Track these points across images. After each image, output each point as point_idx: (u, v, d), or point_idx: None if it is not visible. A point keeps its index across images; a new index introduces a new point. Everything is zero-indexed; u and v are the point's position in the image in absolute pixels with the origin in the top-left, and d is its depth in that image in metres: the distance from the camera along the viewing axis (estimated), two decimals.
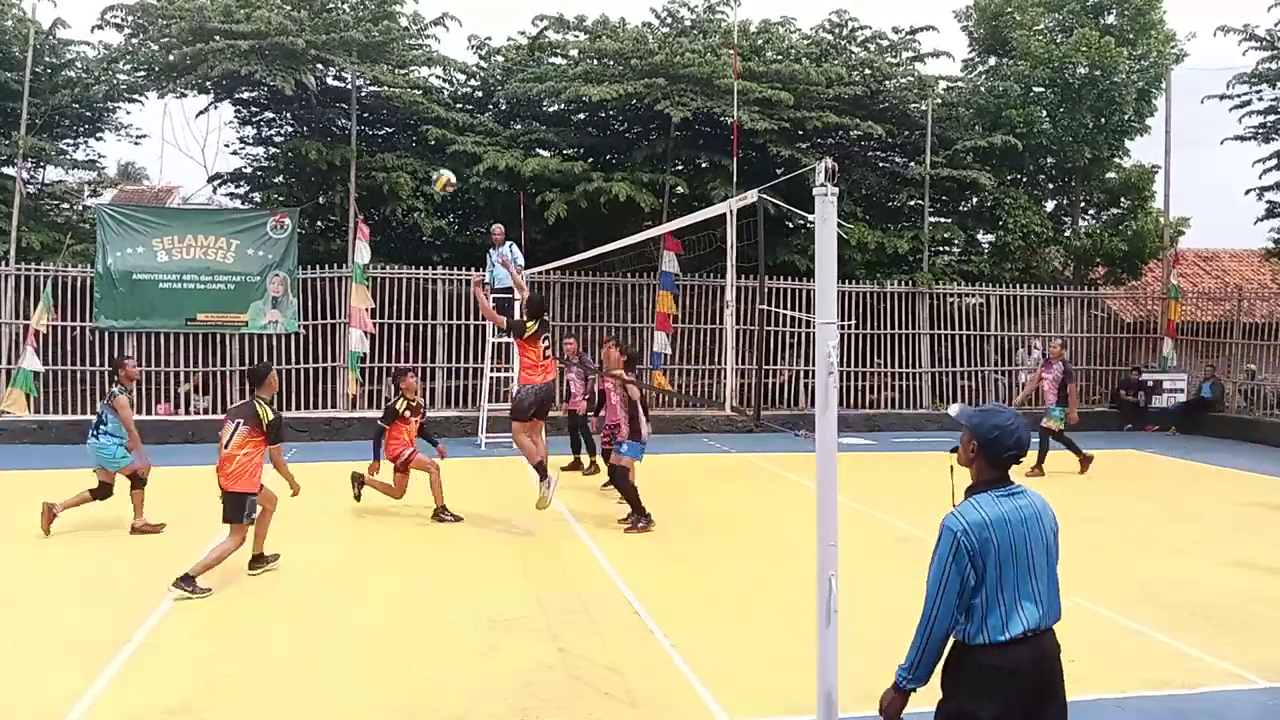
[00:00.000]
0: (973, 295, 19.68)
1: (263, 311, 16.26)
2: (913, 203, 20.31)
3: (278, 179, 19.33)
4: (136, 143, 20.30)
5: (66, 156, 18.67)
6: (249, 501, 7.16)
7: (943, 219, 20.55)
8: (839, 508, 4.13)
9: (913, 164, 19.95)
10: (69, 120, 18.66)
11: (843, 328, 14.66)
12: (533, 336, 9.12)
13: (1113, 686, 5.22)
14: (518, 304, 15.02)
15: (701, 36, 19.13)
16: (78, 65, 18.31)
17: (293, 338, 16.38)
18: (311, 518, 9.52)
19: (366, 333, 16.10)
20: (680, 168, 19.02)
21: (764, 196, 4.81)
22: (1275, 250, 20.79)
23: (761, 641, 6.01)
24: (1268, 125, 19.27)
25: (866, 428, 17.48)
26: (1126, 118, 19.89)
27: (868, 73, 19.44)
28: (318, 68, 16.82)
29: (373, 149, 18.52)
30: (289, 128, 19.49)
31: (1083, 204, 21.76)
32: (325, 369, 16.58)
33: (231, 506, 7.12)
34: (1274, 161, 19.48)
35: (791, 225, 17.86)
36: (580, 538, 8.83)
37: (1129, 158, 21.14)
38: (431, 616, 6.49)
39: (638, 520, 9.21)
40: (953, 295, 19.42)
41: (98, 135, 19.56)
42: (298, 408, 16.12)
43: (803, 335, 17.38)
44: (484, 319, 16.31)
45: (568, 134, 18.88)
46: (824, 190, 4.00)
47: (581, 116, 19.71)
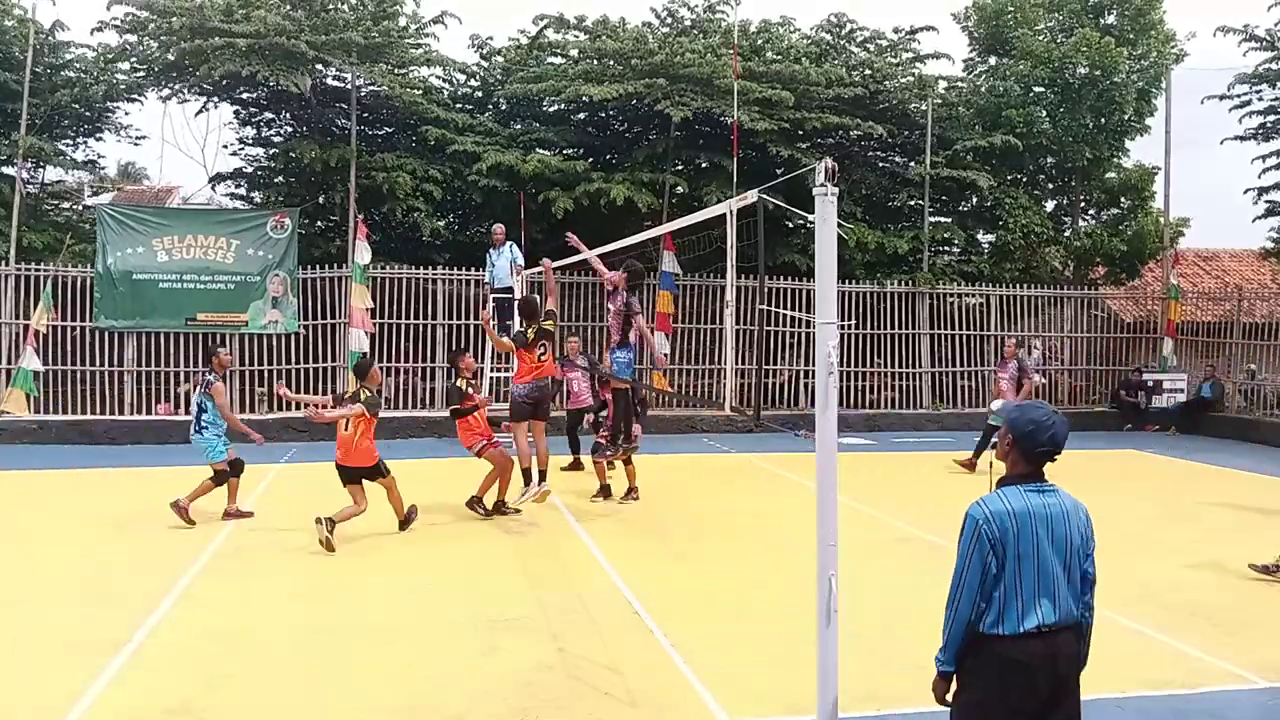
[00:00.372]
0: (973, 295, 19.68)
1: (263, 311, 16.27)
2: (913, 203, 20.30)
3: (277, 179, 19.31)
4: (136, 143, 20.27)
5: (66, 156, 18.65)
6: (379, 465, 8.46)
7: (943, 219, 20.54)
8: (839, 508, 4.13)
9: (913, 164, 19.94)
10: (69, 120, 18.64)
11: (843, 328, 14.63)
12: (532, 343, 9.18)
13: (1113, 686, 5.22)
14: (516, 304, 15.08)
15: (701, 36, 19.12)
16: (77, 65, 18.28)
17: (293, 338, 16.38)
18: (311, 517, 9.53)
19: (366, 332, 16.10)
20: (680, 168, 19.01)
21: (764, 196, 4.81)
22: (1273, 250, 20.78)
23: (761, 641, 6.01)
24: (1268, 125, 19.26)
25: (866, 428, 17.48)
26: (1126, 118, 19.89)
27: (868, 73, 19.44)
28: (317, 68, 16.81)
29: (372, 149, 18.50)
30: (288, 128, 19.48)
31: (1083, 204, 21.75)
32: (325, 369, 16.58)
33: (370, 473, 8.43)
34: (1274, 161, 19.47)
35: (791, 225, 17.87)
36: (580, 538, 8.83)
37: (1129, 158, 21.15)
38: (431, 616, 6.49)
39: (610, 449, 9.83)
40: (953, 295, 19.42)
41: (97, 135, 19.54)
42: (297, 408, 16.08)
43: (803, 335, 17.38)
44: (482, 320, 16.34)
45: (568, 133, 18.86)
46: (824, 190, 4.00)
47: (581, 116, 19.70)
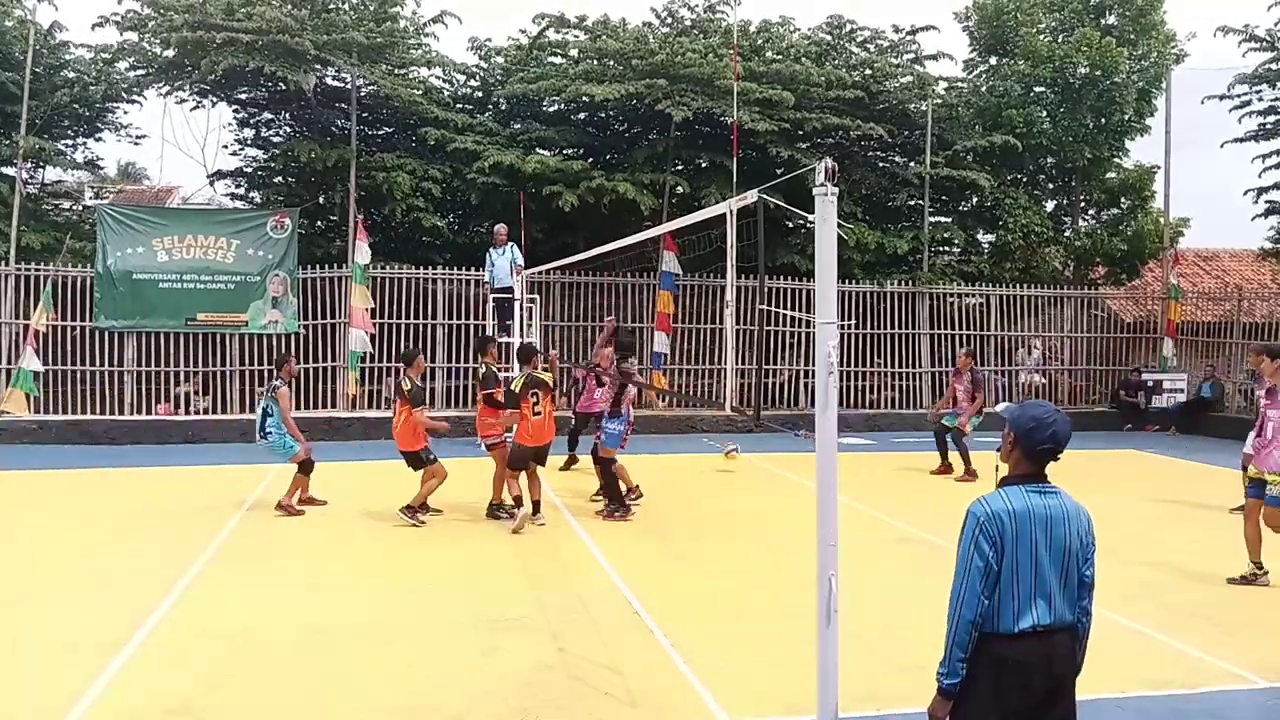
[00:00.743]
0: (973, 295, 19.68)
1: (263, 311, 16.26)
2: (912, 203, 20.29)
3: (277, 179, 19.31)
4: (136, 143, 20.27)
5: (66, 156, 18.65)
6: (423, 453, 9.11)
7: (943, 219, 20.54)
8: (839, 508, 4.13)
9: (913, 164, 19.94)
10: (68, 120, 18.64)
11: (843, 328, 14.60)
12: (521, 393, 9.01)
13: (1113, 686, 5.22)
14: (517, 304, 15.08)
15: (702, 36, 19.11)
16: (77, 66, 18.27)
17: (293, 338, 16.36)
18: (312, 517, 9.54)
19: (366, 332, 16.10)
20: (680, 168, 19.01)
21: (764, 196, 4.81)
22: (1272, 250, 20.77)
23: (761, 641, 6.01)
24: (1268, 126, 19.26)
25: (866, 428, 17.49)
26: (1126, 118, 19.89)
27: (868, 73, 19.43)
28: (317, 68, 16.81)
29: (372, 149, 18.50)
30: (288, 128, 19.48)
31: (1083, 204, 21.75)
32: (325, 369, 16.57)
33: (412, 461, 9.16)
34: (1274, 160, 19.47)
35: (791, 225, 17.88)
36: (580, 538, 8.83)
37: (1129, 158, 21.16)
38: (431, 616, 6.49)
39: (614, 509, 9.52)
40: (953, 295, 19.42)
41: (97, 136, 19.55)
42: (297, 408, 16.03)
43: (803, 335, 17.38)
44: (483, 319, 16.32)
45: (568, 133, 18.86)
46: (824, 190, 4.00)
47: (582, 116, 19.70)
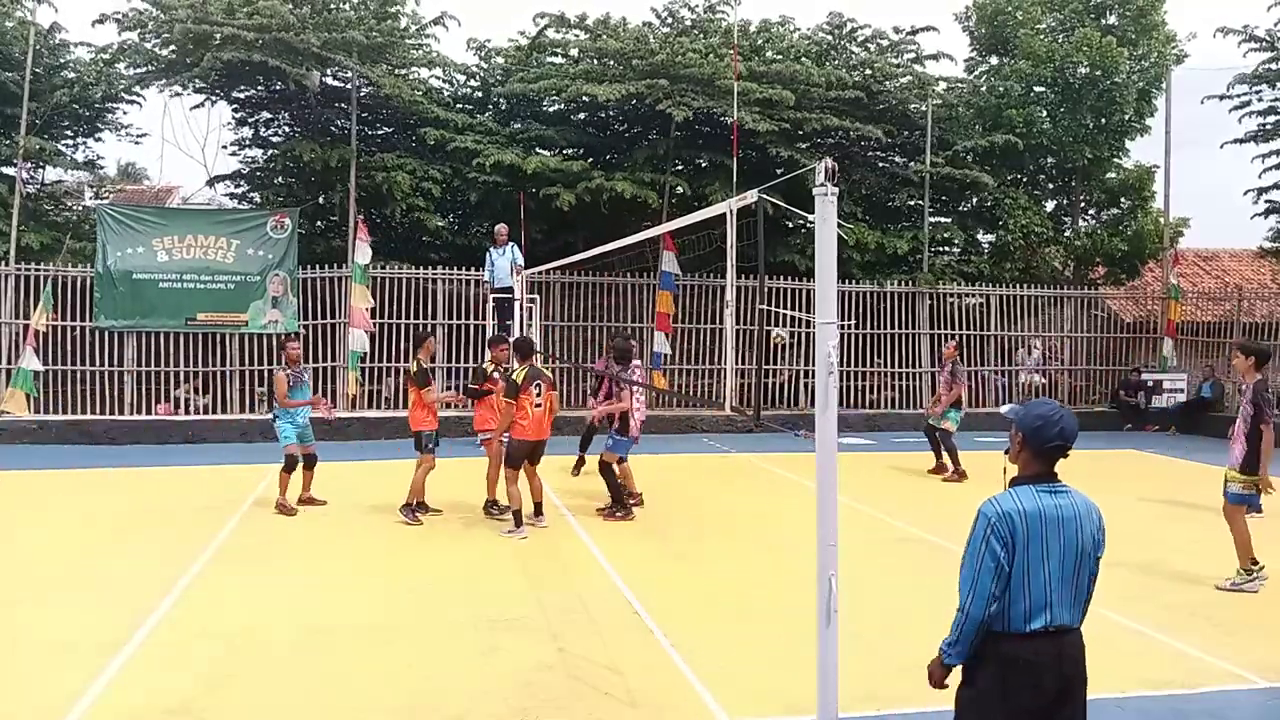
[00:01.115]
0: (973, 295, 19.68)
1: (263, 311, 16.26)
2: (912, 203, 20.30)
3: (277, 179, 19.30)
4: (137, 142, 20.30)
5: (66, 156, 18.65)
6: (422, 436, 9.23)
7: (943, 219, 20.54)
8: (839, 508, 4.13)
9: (913, 164, 19.94)
10: (68, 120, 18.64)
11: (843, 328, 14.58)
12: (523, 384, 8.75)
13: (1113, 686, 5.21)
14: (517, 304, 15.06)
15: (702, 36, 19.11)
16: (76, 66, 18.27)
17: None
18: (312, 517, 9.54)
19: (366, 332, 16.09)
20: (680, 168, 19.01)
21: (764, 196, 4.81)
22: (1270, 250, 20.76)
23: (761, 641, 6.01)
24: (1268, 126, 19.26)
25: (866, 428, 17.49)
26: (1127, 118, 19.89)
27: (868, 73, 19.43)
28: (319, 67, 16.80)
29: (372, 149, 18.50)
30: (288, 128, 19.48)
31: (1083, 204, 21.75)
32: (325, 369, 16.57)
33: (416, 440, 9.32)
34: (1274, 160, 19.47)
35: (791, 225, 17.87)
36: (580, 538, 8.83)
37: (1129, 158, 21.15)
38: (431, 616, 6.49)
39: (615, 510, 9.57)
40: (953, 295, 19.42)
41: (97, 135, 19.55)
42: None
43: (803, 335, 17.37)
44: (483, 319, 16.32)
45: (568, 133, 18.85)
46: (824, 190, 4.00)
47: (582, 116, 19.69)
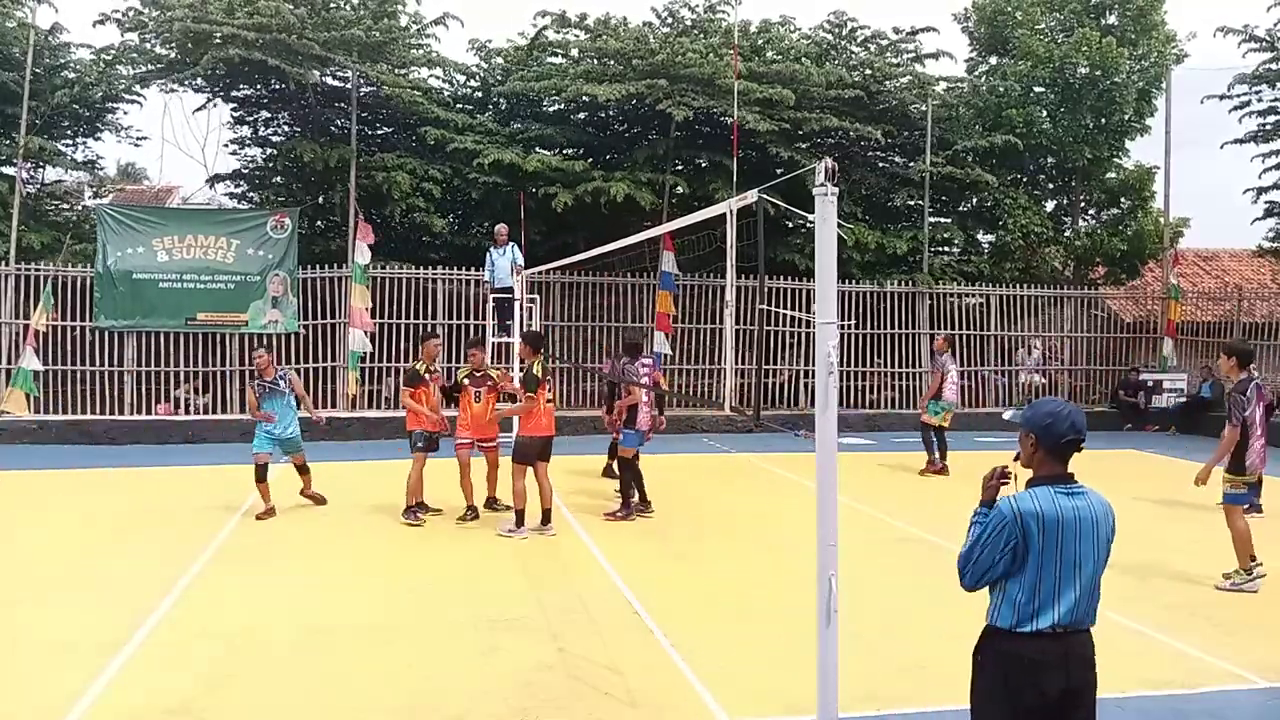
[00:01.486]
0: (973, 295, 19.68)
1: (263, 311, 16.25)
2: (912, 203, 20.30)
3: (277, 179, 19.30)
4: (137, 144, 20.30)
5: (66, 156, 18.65)
6: (413, 435, 9.42)
7: (943, 219, 20.55)
8: (839, 508, 4.13)
9: (912, 164, 19.94)
10: (68, 121, 18.64)
11: (843, 328, 14.57)
12: (542, 380, 8.83)
13: (1113, 686, 5.20)
14: (517, 304, 15.06)
15: (702, 36, 19.10)
16: (77, 66, 18.27)
17: (293, 338, 16.36)
18: (312, 517, 9.54)
19: (366, 332, 16.09)
20: (680, 168, 19.01)
21: (764, 196, 4.80)
22: (1269, 250, 20.75)
23: (761, 641, 6.01)
24: (1267, 126, 19.26)
25: (866, 428, 17.49)
26: (1126, 118, 19.89)
27: (868, 73, 19.43)
28: (317, 66, 16.79)
29: (372, 149, 18.49)
30: (287, 127, 19.48)
31: (1083, 204, 21.74)
32: (325, 369, 16.57)
33: (409, 441, 9.50)
34: (1274, 160, 19.47)
35: (791, 225, 17.87)
36: (580, 537, 8.83)
37: (1129, 158, 21.15)
38: (431, 616, 6.49)
39: (617, 511, 9.62)
40: (953, 295, 19.42)
41: (97, 136, 19.56)
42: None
43: (803, 335, 17.37)
44: (483, 319, 16.30)
45: (568, 133, 18.85)
46: (824, 190, 4.00)
47: (582, 116, 19.69)
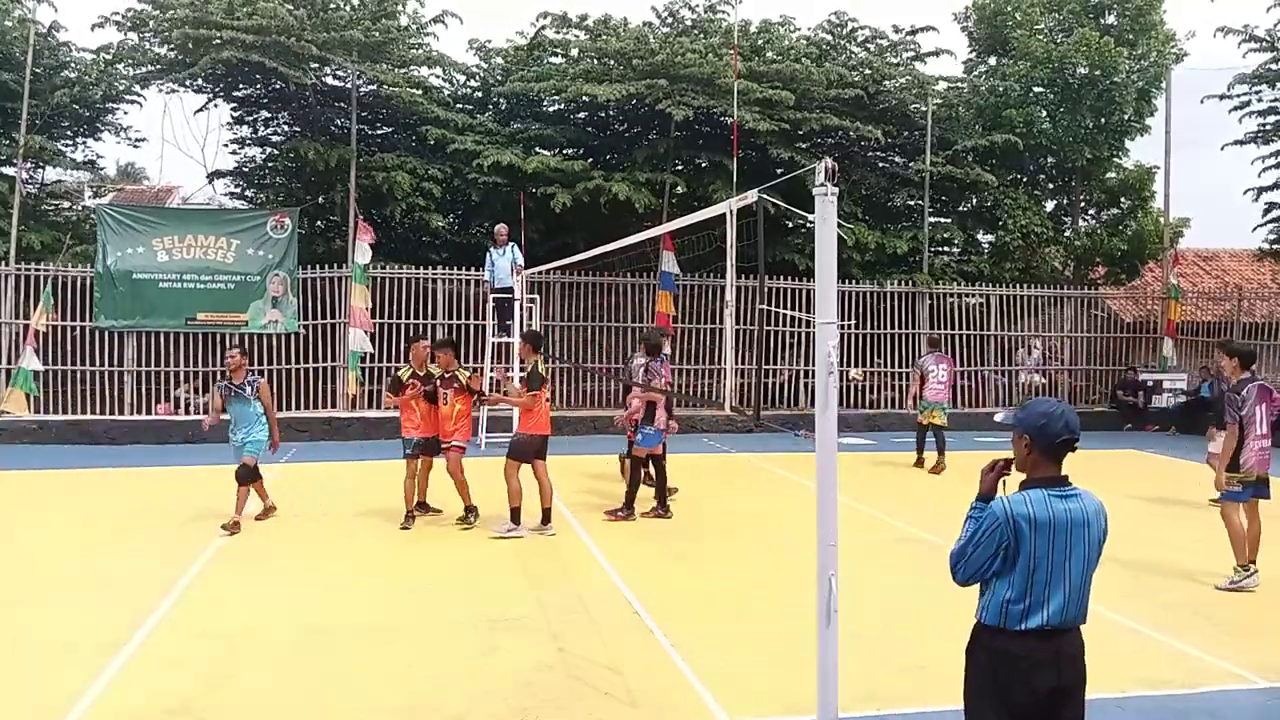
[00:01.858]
0: (973, 295, 19.68)
1: (263, 311, 16.26)
2: (912, 203, 20.31)
3: (277, 179, 19.30)
4: (136, 145, 20.30)
5: (66, 156, 18.65)
6: (403, 442, 9.27)
7: (942, 219, 20.55)
8: (839, 508, 4.13)
9: (912, 164, 19.94)
10: (68, 120, 18.65)
11: (843, 328, 14.60)
12: (544, 380, 8.94)
13: (1113, 686, 5.21)
14: (517, 304, 15.07)
15: (702, 36, 19.11)
16: (76, 66, 18.26)
17: (292, 337, 16.36)
18: (312, 517, 9.54)
19: (366, 332, 16.09)
20: (680, 168, 19.01)
21: (764, 196, 4.81)
22: (1269, 250, 20.76)
23: (761, 641, 6.01)
24: (1267, 127, 19.26)
25: (866, 428, 17.48)
26: (1126, 118, 19.90)
27: (868, 73, 19.43)
28: (315, 66, 16.79)
29: (372, 149, 18.50)
30: (287, 127, 19.48)
31: (1083, 204, 21.76)
32: (325, 369, 16.57)
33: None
34: (1273, 161, 19.47)
35: (791, 225, 17.87)
36: (580, 537, 8.83)
37: (1129, 158, 21.17)
38: (431, 616, 6.49)
39: (619, 511, 9.64)
40: (953, 295, 19.42)
41: (97, 136, 19.55)
42: (297, 407, 16.11)
43: (803, 335, 17.38)
44: (483, 319, 16.32)
45: (568, 133, 18.85)
46: (824, 190, 4.00)
47: (582, 116, 19.69)
